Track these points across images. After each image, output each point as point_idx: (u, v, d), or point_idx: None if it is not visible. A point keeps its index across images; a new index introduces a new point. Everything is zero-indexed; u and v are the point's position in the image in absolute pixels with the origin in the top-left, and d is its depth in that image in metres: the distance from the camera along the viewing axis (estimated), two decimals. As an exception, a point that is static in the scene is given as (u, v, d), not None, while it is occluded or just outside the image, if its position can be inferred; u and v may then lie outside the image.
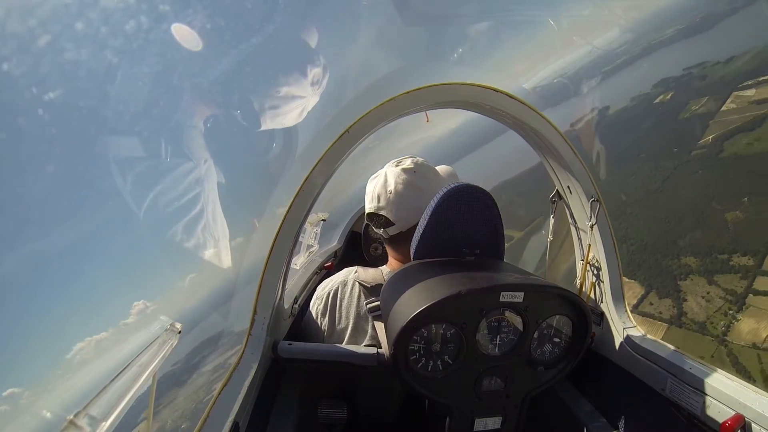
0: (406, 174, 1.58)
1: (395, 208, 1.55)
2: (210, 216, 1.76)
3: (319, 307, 1.55)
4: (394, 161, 1.66)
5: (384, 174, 1.61)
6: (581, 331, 1.14)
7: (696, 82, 47.68)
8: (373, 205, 1.60)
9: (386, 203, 1.56)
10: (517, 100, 1.45)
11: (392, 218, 1.55)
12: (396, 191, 1.55)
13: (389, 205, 1.56)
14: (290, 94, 1.87)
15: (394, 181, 1.57)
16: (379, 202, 1.58)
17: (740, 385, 1.08)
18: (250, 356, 1.26)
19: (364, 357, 1.34)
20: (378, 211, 1.58)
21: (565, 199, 1.66)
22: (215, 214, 1.79)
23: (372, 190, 1.62)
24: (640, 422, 1.32)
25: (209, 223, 1.76)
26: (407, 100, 1.39)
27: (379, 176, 1.63)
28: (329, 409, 1.36)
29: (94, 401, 0.64)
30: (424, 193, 1.54)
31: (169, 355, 0.92)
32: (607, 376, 1.47)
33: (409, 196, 1.54)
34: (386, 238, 1.63)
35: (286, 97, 1.86)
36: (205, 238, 1.77)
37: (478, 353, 1.09)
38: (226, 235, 1.79)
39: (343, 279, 1.57)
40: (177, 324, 0.98)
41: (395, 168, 1.61)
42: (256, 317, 1.34)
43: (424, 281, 1.15)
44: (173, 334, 0.96)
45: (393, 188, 1.56)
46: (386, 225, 1.58)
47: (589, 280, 1.60)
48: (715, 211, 33.76)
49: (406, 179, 1.56)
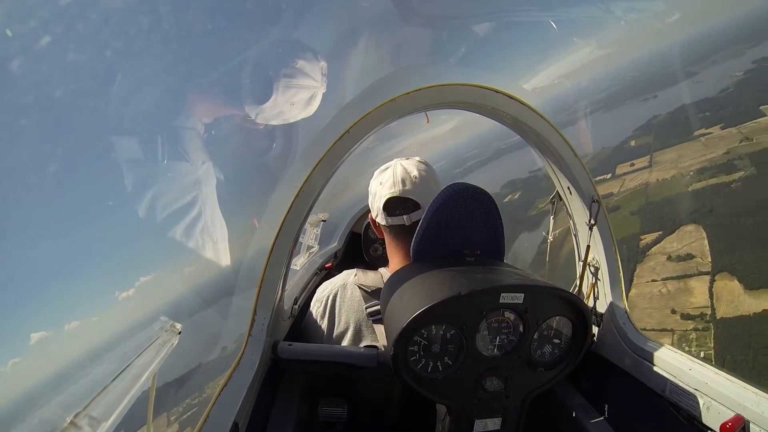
0: (424, 165, 1.59)
1: (422, 190, 1.51)
2: (209, 217, 1.76)
3: (319, 310, 1.55)
4: (401, 158, 1.64)
5: (399, 163, 1.58)
6: (581, 332, 1.14)
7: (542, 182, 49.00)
8: (398, 188, 1.52)
9: (413, 187, 1.51)
10: (517, 101, 1.45)
11: (420, 201, 1.51)
12: (421, 176, 1.54)
13: (416, 188, 1.51)
14: (300, 84, 1.85)
15: (416, 168, 1.55)
16: (404, 186, 1.51)
17: (740, 387, 1.08)
18: (250, 357, 1.26)
19: (364, 357, 1.34)
20: (404, 194, 1.51)
21: (565, 200, 1.66)
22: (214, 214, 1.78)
23: (391, 176, 1.55)
24: (640, 423, 1.32)
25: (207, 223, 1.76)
26: (407, 101, 1.39)
27: (393, 166, 1.59)
28: (329, 408, 1.36)
29: (94, 401, 0.64)
30: (438, 186, 1.54)
31: (169, 355, 0.92)
32: (607, 378, 1.47)
33: (430, 185, 1.53)
34: (387, 231, 1.59)
35: (297, 88, 1.84)
36: (204, 238, 1.76)
37: (478, 354, 1.09)
38: (225, 236, 1.79)
39: (343, 282, 1.56)
40: (177, 324, 0.98)
41: (408, 160, 1.60)
42: (256, 318, 1.34)
43: (424, 282, 1.15)
44: (173, 334, 0.96)
45: (417, 174, 1.54)
46: (411, 209, 1.52)
47: (589, 281, 1.60)
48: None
49: (426, 169, 1.57)
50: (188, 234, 1.72)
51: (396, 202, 1.53)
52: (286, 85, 1.82)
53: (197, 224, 1.72)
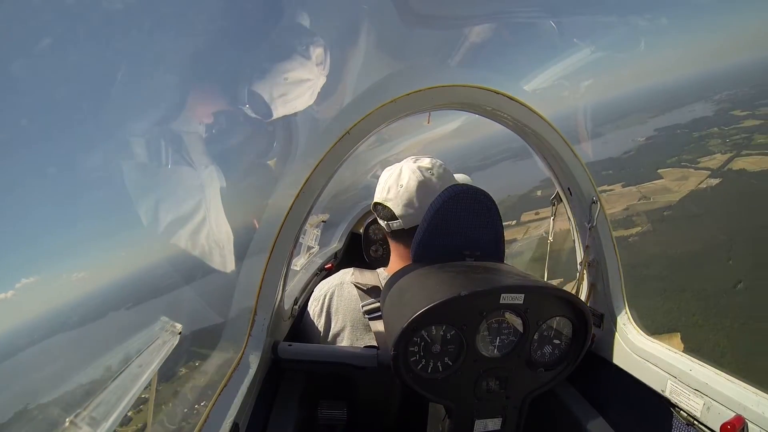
0: (422, 173, 1.54)
1: (402, 203, 1.52)
2: (213, 220, 1.76)
3: (316, 309, 1.56)
4: (413, 157, 1.63)
5: (400, 168, 1.58)
6: (581, 332, 1.14)
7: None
8: (382, 195, 1.57)
9: (395, 196, 1.53)
10: (517, 102, 1.45)
11: (397, 213, 1.52)
12: (407, 187, 1.52)
13: (397, 199, 1.53)
14: (297, 78, 1.82)
15: (408, 176, 1.54)
16: (388, 194, 1.55)
17: (741, 387, 1.08)
18: (249, 357, 1.26)
19: (364, 358, 1.34)
20: (385, 202, 1.55)
21: (565, 201, 1.66)
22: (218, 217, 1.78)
23: (385, 180, 1.59)
24: (641, 424, 1.32)
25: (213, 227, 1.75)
26: (408, 102, 1.39)
27: (394, 169, 1.60)
28: (329, 410, 1.36)
29: (94, 401, 0.64)
30: (435, 195, 1.54)
31: (169, 355, 0.92)
32: (607, 378, 1.47)
33: (418, 195, 1.51)
34: (388, 232, 1.61)
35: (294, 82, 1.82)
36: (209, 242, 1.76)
37: (478, 355, 1.09)
38: (230, 238, 1.78)
39: (339, 281, 1.57)
40: (177, 324, 0.99)
41: (412, 164, 1.58)
42: (256, 318, 1.34)
43: (425, 283, 1.15)
44: (173, 334, 0.96)
45: (405, 183, 1.53)
46: (390, 218, 1.55)
47: (590, 282, 1.60)
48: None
49: (421, 178, 1.53)
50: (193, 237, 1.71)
51: (380, 207, 1.58)
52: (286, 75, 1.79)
53: (202, 228, 1.72)
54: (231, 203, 1.78)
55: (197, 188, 1.74)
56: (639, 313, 1.48)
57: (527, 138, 1.62)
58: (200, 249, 1.70)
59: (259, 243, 1.41)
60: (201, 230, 1.70)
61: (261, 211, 1.52)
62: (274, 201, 1.44)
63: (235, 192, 1.74)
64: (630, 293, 1.52)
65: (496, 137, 11.63)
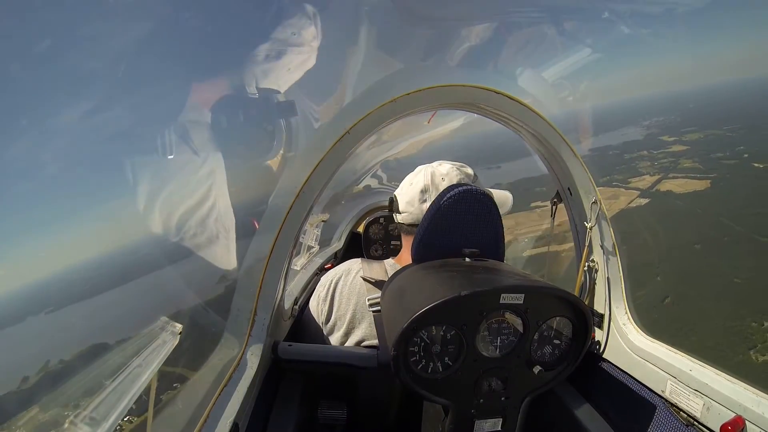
0: (433, 176, 1.52)
1: (406, 200, 1.56)
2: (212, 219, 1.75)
3: (321, 294, 1.58)
4: (441, 161, 1.60)
5: (423, 168, 1.58)
6: (581, 333, 1.14)
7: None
8: (398, 190, 1.61)
9: (404, 193, 1.57)
10: (517, 102, 1.45)
11: (401, 208, 1.57)
12: (415, 185, 1.55)
13: (404, 195, 1.57)
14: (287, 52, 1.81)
15: (422, 176, 1.54)
16: (401, 189, 1.59)
17: (741, 387, 1.08)
18: (249, 357, 1.26)
19: (363, 358, 1.34)
20: (398, 196, 1.60)
21: (566, 201, 1.66)
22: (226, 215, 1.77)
23: (407, 177, 1.61)
24: (640, 423, 1.32)
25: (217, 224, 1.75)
26: (407, 102, 1.39)
27: (419, 167, 1.60)
28: (329, 410, 1.36)
29: (94, 401, 0.64)
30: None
31: (168, 355, 0.92)
32: (607, 378, 1.47)
33: (421, 196, 1.53)
34: (409, 224, 1.58)
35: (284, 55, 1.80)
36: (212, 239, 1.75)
37: (478, 355, 1.09)
38: (233, 236, 1.77)
39: (347, 268, 1.59)
40: (177, 325, 0.99)
41: (435, 166, 1.56)
42: (256, 318, 1.34)
43: (425, 283, 1.15)
44: (173, 334, 0.96)
45: (415, 182, 1.55)
46: (398, 212, 1.59)
47: (590, 282, 1.60)
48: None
49: (429, 180, 1.52)
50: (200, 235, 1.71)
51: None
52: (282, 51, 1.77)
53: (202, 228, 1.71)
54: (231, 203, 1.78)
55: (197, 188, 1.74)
56: (639, 313, 1.48)
57: (527, 138, 1.62)
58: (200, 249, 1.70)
59: (259, 243, 1.41)
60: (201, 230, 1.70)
61: (261, 211, 1.52)
62: (274, 201, 1.44)
63: (235, 192, 1.73)
64: (630, 293, 1.52)
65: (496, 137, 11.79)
